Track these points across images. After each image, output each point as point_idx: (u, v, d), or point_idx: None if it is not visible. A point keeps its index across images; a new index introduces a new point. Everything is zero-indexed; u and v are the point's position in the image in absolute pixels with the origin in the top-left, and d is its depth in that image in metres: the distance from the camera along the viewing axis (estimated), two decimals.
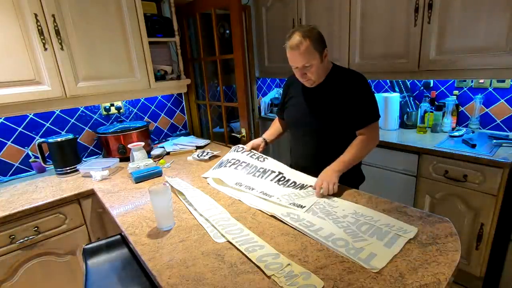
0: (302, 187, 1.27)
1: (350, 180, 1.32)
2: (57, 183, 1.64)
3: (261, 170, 1.36)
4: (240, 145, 1.53)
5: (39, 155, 1.71)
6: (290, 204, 1.13)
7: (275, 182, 1.30)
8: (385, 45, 1.98)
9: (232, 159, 1.44)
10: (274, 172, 1.35)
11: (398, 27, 1.89)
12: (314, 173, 1.32)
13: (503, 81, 1.89)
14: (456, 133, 1.92)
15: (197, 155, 1.84)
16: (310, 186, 1.26)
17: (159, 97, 2.38)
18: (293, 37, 1.20)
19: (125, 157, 1.89)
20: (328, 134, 1.33)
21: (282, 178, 1.32)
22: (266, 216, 1.08)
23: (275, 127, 1.64)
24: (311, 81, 1.28)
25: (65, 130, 1.96)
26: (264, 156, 1.44)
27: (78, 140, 1.95)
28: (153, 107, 2.36)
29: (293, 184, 1.29)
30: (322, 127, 1.33)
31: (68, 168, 1.73)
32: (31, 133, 1.84)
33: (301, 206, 1.11)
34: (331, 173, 1.23)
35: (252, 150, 1.48)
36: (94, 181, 1.60)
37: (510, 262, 1.61)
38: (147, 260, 0.88)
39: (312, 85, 1.31)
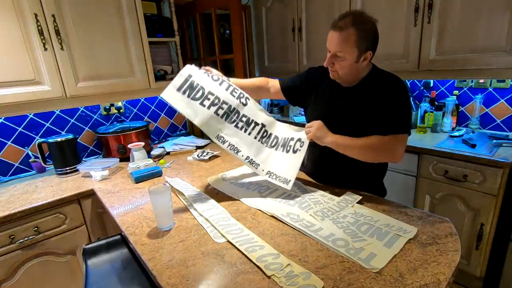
0: (285, 145, 1.25)
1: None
2: (57, 183, 1.64)
3: (244, 119, 1.25)
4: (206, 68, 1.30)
5: (39, 155, 1.71)
6: (274, 178, 1.21)
7: (258, 140, 1.27)
8: (385, 45, 1.97)
9: (209, 93, 1.21)
10: (258, 124, 1.28)
11: (398, 27, 1.89)
12: (321, 177, 1.32)
13: (503, 81, 1.89)
14: (456, 133, 1.92)
15: (197, 155, 1.84)
16: (292, 139, 1.23)
17: (159, 97, 2.37)
18: (344, 18, 1.04)
19: (125, 157, 1.89)
20: None
21: (265, 133, 1.29)
22: (266, 216, 1.08)
23: (253, 82, 1.38)
24: (336, 74, 1.14)
25: (65, 130, 1.96)
26: (246, 94, 1.29)
27: (78, 140, 1.95)
28: (153, 107, 2.36)
29: (275, 141, 1.28)
30: (343, 133, 1.14)
31: (68, 168, 1.73)
32: (31, 133, 1.84)
33: (287, 181, 1.17)
34: (325, 131, 1.14)
35: (232, 84, 1.27)
36: (94, 181, 1.60)
37: (510, 262, 1.61)
38: (147, 260, 0.88)
39: (335, 79, 1.17)
